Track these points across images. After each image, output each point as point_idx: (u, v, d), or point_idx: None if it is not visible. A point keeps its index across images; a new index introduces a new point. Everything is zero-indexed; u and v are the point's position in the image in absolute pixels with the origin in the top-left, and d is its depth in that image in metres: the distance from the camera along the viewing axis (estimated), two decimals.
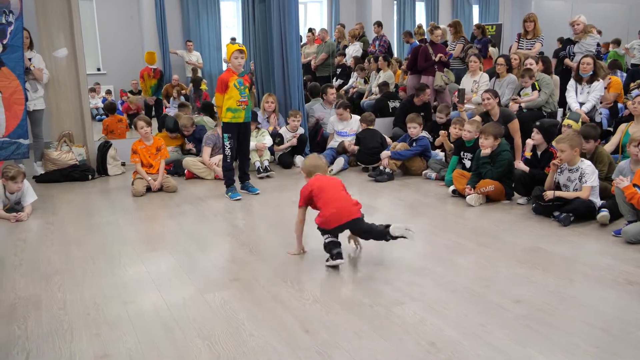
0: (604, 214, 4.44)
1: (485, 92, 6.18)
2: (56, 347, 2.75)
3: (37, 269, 3.79)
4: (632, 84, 7.67)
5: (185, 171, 6.42)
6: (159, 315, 3.05)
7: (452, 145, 6.02)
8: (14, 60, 5.66)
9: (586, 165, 4.58)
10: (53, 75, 6.60)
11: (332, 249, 3.65)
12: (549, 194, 4.60)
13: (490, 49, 9.61)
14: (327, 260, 3.70)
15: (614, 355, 2.57)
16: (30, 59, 6.23)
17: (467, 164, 5.66)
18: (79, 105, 6.79)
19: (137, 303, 3.22)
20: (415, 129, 6.32)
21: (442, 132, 6.26)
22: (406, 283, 3.40)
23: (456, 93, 7.48)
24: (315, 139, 7.62)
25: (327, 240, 3.70)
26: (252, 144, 6.08)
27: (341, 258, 3.63)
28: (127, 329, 2.91)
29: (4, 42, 5.59)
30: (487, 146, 5.17)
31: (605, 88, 7.10)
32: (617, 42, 11.16)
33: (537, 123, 5.10)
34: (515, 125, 6.00)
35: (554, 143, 4.90)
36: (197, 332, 2.85)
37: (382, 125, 8.28)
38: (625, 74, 8.80)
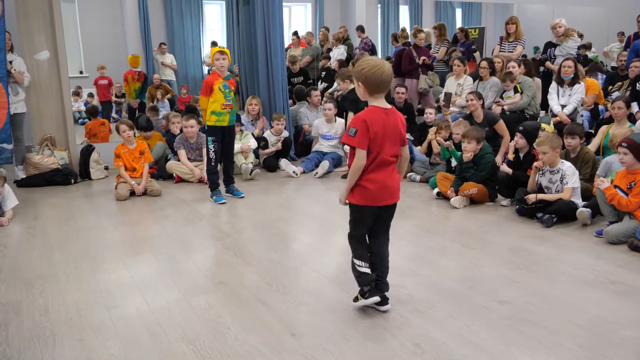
0: (583, 209, 4.49)
1: (469, 93, 6.25)
2: (38, 353, 2.71)
3: (18, 274, 3.73)
4: (610, 87, 7.77)
5: (175, 175, 6.39)
6: (143, 319, 3.03)
7: (442, 145, 5.97)
8: None
9: (567, 166, 4.64)
10: (34, 78, 6.52)
11: (366, 282, 2.98)
12: (532, 198, 4.64)
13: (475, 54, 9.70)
14: (355, 300, 3.05)
15: (598, 354, 2.60)
16: (11, 62, 6.15)
17: (454, 163, 5.69)
18: (61, 109, 6.72)
19: (120, 308, 3.18)
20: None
21: (431, 130, 6.27)
22: (391, 285, 3.40)
23: (442, 97, 7.53)
24: (297, 140, 7.63)
25: (362, 269, 2.97)
26: (237, 146, 6.06)
27: (376, 295, 2.98)
28: (110, 334, 2.87)
29: None
30: (470, 150, 5.21)
31: None
32: (588, 47, 11.29)
33: (520, 127, 5.14)
34: (501, 126, 6.04)
35: (535, 146, 4.96)
36: (181, 337, 2.83)
37: None
38: (604, 76, 8.91)
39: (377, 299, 2.97)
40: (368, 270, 2.98)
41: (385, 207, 2.95)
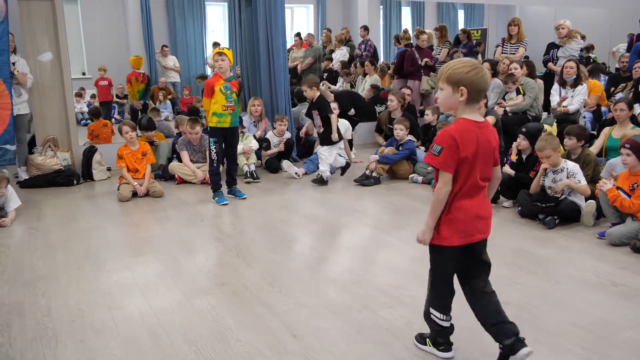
0: (592, 201, 4.47)
1: None
2: (40, 354, 2.72)
3: (21, 275, 3.74)
4: (612, 89, 7.75)
5: (177, 176, 6.39)
6: (145, 320, 3.03)
7: None
8: None
9: (572, 165, 4.61)
10: (37, 79, 6.53)
11: (445, 336, 2.62)
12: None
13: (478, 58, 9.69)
14: (422, 341, 2.70)
15: (600, 356, 2.59)
16: (14, 63, 6.16)
17: None
18: (63, 110, 6.74)
19: (122, 309, 3.19)
20: (401, 131, 6.34)
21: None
22: (394, 286, 3.41)
23: None
24: (299, 141, 7.63)
25: (442, 323, 2.56)
26: (239, 147, 6.07)
27: (450, 350, 2.62)
28: (112, 335, 2.88)
29: None
30: None
31: None
32: (590, 48, 11.27)
33: (523, 129, 5.13)
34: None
35: (536, 152, 4.93)
36: (183, 338, 2.83)
37: (366, 129, 8.31)
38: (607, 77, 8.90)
39: (451, 354, 2.59)
40: (448, 324, 2.57)
41: (478, 242, 2.44)
